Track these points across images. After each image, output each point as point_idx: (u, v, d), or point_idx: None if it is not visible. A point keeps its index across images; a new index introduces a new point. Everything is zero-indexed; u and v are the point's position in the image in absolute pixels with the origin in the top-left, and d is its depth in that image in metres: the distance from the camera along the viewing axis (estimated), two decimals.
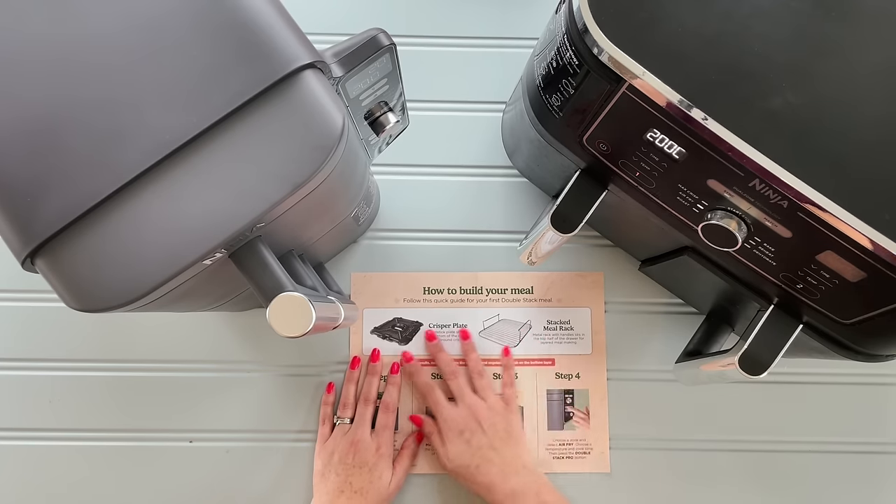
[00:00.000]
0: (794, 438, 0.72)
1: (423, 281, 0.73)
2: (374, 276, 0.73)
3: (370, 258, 0.74)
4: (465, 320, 0.73)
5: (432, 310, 0.73)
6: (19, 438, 0.71)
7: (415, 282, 0.73)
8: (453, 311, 0.73)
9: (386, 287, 0.73)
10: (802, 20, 0.44)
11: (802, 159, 0.43)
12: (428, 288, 0.73)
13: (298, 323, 0.41)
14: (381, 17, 0.76)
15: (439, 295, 0.73)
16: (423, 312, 0.73)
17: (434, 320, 0.73)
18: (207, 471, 0.71)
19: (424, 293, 0.73)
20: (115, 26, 0.39)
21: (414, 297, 0.73)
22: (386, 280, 0.73)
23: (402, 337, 0.72)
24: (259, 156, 0.39)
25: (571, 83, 0.49)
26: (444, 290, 0.73)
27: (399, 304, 0.73)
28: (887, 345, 0.50)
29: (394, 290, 0.73)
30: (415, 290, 0.73)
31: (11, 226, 0.38)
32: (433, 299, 0.73)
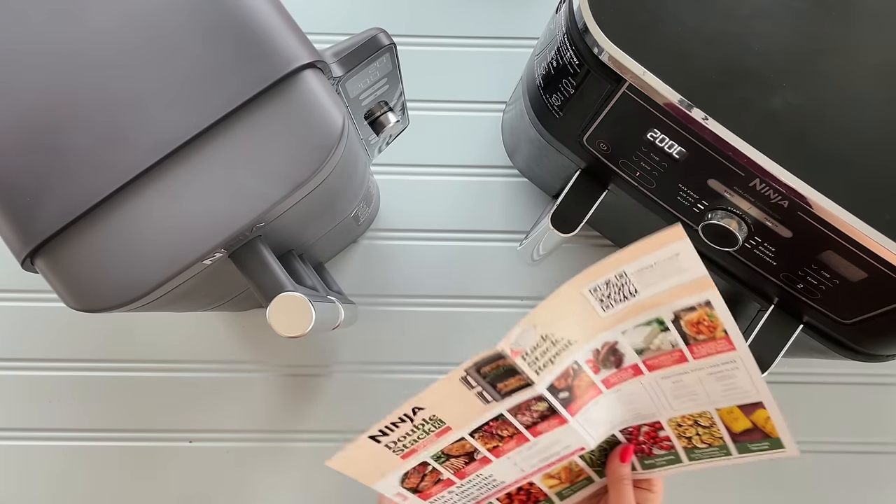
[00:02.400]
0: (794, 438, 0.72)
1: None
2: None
3: (370, 258, 0.74)
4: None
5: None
6: (19, 438, 0.71)
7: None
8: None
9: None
10: (803, 20, 0.44)
11: (803, 159, 0.43)
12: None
13: (298, 323, 0.41)
14: (382, 16, 0.76)
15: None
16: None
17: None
18: (207, 471, 0.71)
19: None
20: (115, 25, 0.39)
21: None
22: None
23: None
24: (259, 155, 0.39)
25: (571, 83, 0.49)
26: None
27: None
28: (888, 345, 0.50)
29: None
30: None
31: (11, 225, 0.38)
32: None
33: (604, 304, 0.43)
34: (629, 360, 0.46)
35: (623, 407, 0.48)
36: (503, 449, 0.48)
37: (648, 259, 0.42)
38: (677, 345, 0.44)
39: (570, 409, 0.46)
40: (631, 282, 0.42)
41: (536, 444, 0.47)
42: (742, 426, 0.46)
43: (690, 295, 0.42)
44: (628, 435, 0.49)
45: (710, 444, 0.47)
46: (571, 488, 0.52)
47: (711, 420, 0.46)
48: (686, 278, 0.42)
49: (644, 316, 0.44)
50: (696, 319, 0.43)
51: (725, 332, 0.43)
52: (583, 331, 0.44)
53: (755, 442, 0.46)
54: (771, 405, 0.45)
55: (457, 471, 0.49)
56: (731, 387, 0.45)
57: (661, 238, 0.41)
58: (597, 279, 0.42)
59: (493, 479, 0.49)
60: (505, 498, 0.51)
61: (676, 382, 0.46)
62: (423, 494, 0.49)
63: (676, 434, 0.48)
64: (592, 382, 0.46)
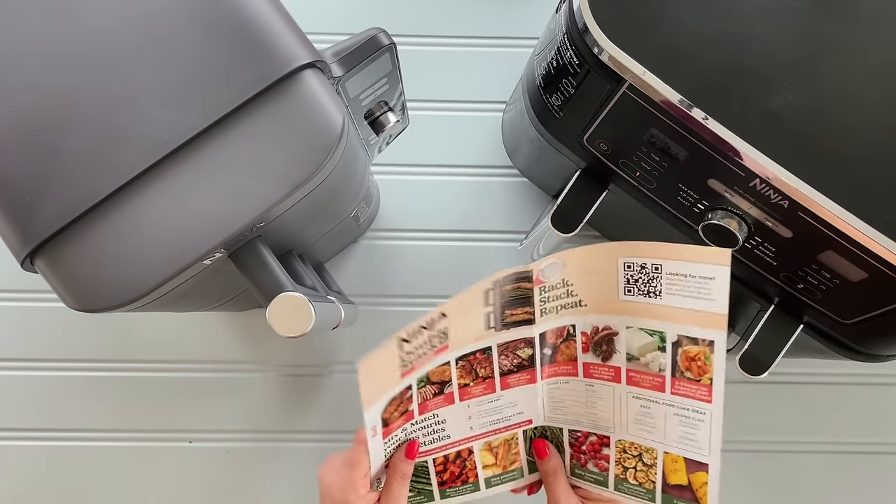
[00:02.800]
0: (794, 438, 0.72)
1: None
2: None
3: (370, 258, 0.74)
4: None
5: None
6: (19, 438, 0.71)
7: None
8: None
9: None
10: (803, 20, 0.44)
11: (803, 159, 0.43)
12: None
13: (298, 323, 0.41)
14: (381, 16, 0.76)
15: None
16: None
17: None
18: (207, 471, 0.71)
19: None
20: (114, 25, 0.39)
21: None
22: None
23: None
24: (259, 155, 0.39)
25: (572, 83, 0.49)
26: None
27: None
28: (888, 345, 0.50)
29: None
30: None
31: (11, 226, 0.38)
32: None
33: (627, 288, 0.44)
34: (616, 361, 0.46)
35: (586, 405, 0.48)
36: (470, 392, 0.49)
37: (688, 267, 0.42)
38: (664, 370, 0.45)
39: (545, 370, 0.48)
40: (662, 280, 0.43)
41: (498, 399, 0.49)
42: (678, 480, 0.46)
43: (702, 326, 0.43)
44: (574, 439, 0.50)
45: (641, 483, 0.47)
46: (501, 477, 0.52)
47: (654, 460, 0.47)
48: (708, 307, 0.42)
49: (652, 323, 0.44)
50: (693, 354, 0.44)
51: (711, 382, 0.44)
52: (598, 301, 0.46)
53: (682, 500, 0.46)
54: (714, 472, 0.45)
55: (423, 401, 0.49)
56: (689, 437, 0.45)
57: (709, 254, 0.42)
58: (638, 255, 0.43)
59: (443, 429, 0.50)
60: (440, 461, 0.51)
61: (644, 407, 0.46)
62: (387, 430, 0.48)
63: (617, 459, 0.48)
64: (575, 357, 0.48)
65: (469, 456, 0.51)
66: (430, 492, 0.51)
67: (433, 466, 0.51)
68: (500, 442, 0.51)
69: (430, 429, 0.50)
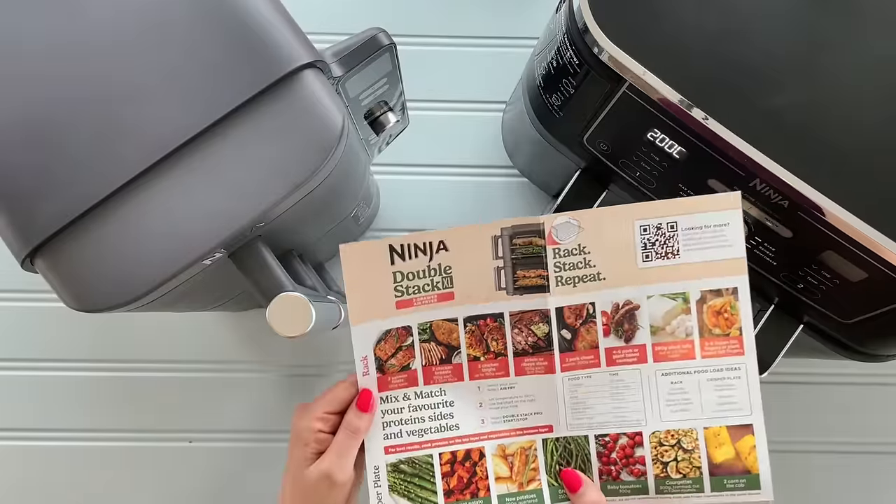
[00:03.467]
0: (794, 438, 0.72)
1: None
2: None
3: None
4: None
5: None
6: (19, 438, 0.71)
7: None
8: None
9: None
10: (802, 20, 0.44)
11: (803, 159, 0.43)
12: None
13: (298, 323, 0.41)
14: (381, 16, 0.76)
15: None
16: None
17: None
18: (207, 471, 0.71)
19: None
20: (114, 25, 0.39)
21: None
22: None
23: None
24: (259, 155, 0.39)
25: (572, 83, 0.49)
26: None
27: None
28: (888, 345, 0.50)
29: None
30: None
31: (11, 225, 0.38)
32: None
33: (645, 254, 0.44)
34: (640, 339, 0.46)
35: (612, 399, 0.47)
36: (481, 370, 0.47)
37: (702, 219, 0.43)
38: (691, 334, 0.45)
39: (563, 359, 0.46)
40: (678, 238, 0.44)
41: (513, 386, 0.47)
42: (724, 455, 0.45)
43: (724, 275, 0.44)
44: (602, 447, 0.47)
45: (686, 474, 0.46)
46: (518, 499, 0.47)
47: (695, 442, 0.46)
48: (726, 254, 0.43)
49: (674, 286, 0.44)
50: (718, 307, 0.44)
51: (740, 332, 0.44)
52: (616, 271, 0.45)
53: (733, 477, 0.45)
54: (760, 430, 0.45)
55: (428, 365, 0.46)
56: (727, 400, 0.45)
57: (719, 200, 0.43)
58: (653, 216, 0.44)
59: (451, 414, 0.47)
60: (447, 459, 0.47)
61: (675, 383, 0.45)
62: (383, 379, 0.46)
63: (654, 456, 0.46)
64: (596, 344, 0.46)
65: (480, 460, 0.47)
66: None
67: (439, 465, 0.47)
68: (517, 450, 0.47)
69: (437, 410, 0.47)
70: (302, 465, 0.44)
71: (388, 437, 0.46)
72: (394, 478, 0.46)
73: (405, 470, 0.46)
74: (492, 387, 0.47)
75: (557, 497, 0.47)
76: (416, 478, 0.47)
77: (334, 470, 0.43)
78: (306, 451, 0.44)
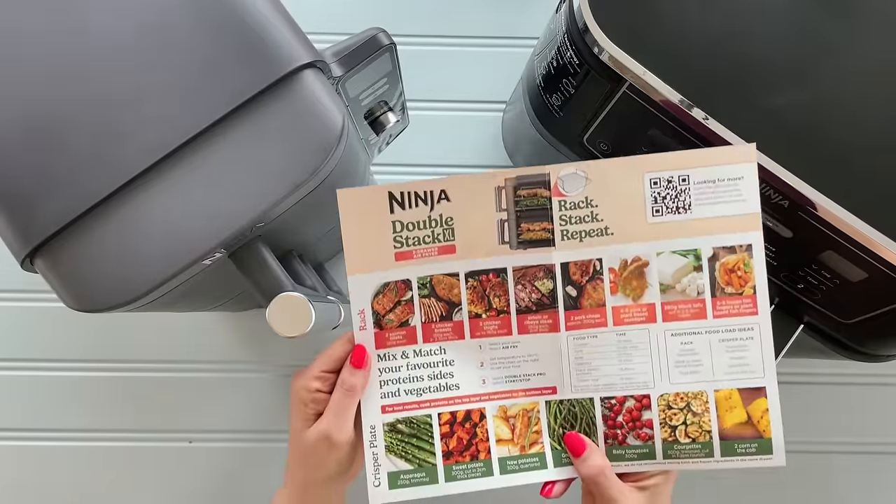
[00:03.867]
0: (794, 438, 0.72)
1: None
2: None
3: None
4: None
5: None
6: (19, 438, 0.71)
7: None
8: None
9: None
10: (804, 19, 0.44)
11: (803, 159, 0.43)
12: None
13: (298, 323, 0.41)
14: (381, 16, 0.76)
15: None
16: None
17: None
18: (207, 471, 0.71)
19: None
20: (114, 25, 0.39)
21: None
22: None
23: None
24: (259, 155, 0.39)
25: (572, 83, 0.49)
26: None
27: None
28: (888, 345, 0.50)
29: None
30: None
31: (10, 225, 0.38)
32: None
33: (655, 208, 0.43)
34: (649, 297, 0.44)
35: (619, 361, 0.44)
36: (482, 327, 0.45)
37: (716, 172, 0.42)
38: (703, 293, 0.43)
39: (568, 317, 0.44)
40: (690, 192, 0.42)
41: (516, 345, 0.45)
42: (735, 419, 0.44)
43: (737, 231, 0.42)
44: (608, 410, 0.45)
45: (695, 438, 0.44)
46: (520, 462, 0.45)
47: (706, 405, 0.44)
48: (740, 209, 0.42)
49: (685, 242, 0.43)
50: (731, 265, 0.43)
51: (754, 291, 0.43)
52: (625, 226, 0.43)
53: (744, 441, 0.44)
54: (773, 394, 0.43)
55: (427, 322, 0.45)
56: (739, 362, 0.43)
57: (734, 153, 0.41)
58: (664, 168, 0.42)
59: (451, 373, 0.45)
60: (446, 419, 0.45)
61: (685, 344, 0.44)
62: (381, 335, 0.44)
63: (662, 419, 0.44)
64: (603, 302, 0.44)
65: (481, 421, 0.45)
66: (432, 466, 0.45)
67: (438, 426, 0.45)
68: (519, 411, 0.45)
69: (437, 369, 0.45)
70: (301, 427, 0.43)
71: (385, 396, 0.45)
72: (391, 438, 0.45)
73: (403, 430, 0.45)
74: (493, 345, 0.45)
75: (560, 461, 0.45)
76: (414, 438, 0.45)
77: (332, 430, 0.42)
78: (305, 411, 0.43)
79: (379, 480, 0.44)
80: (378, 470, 0.44)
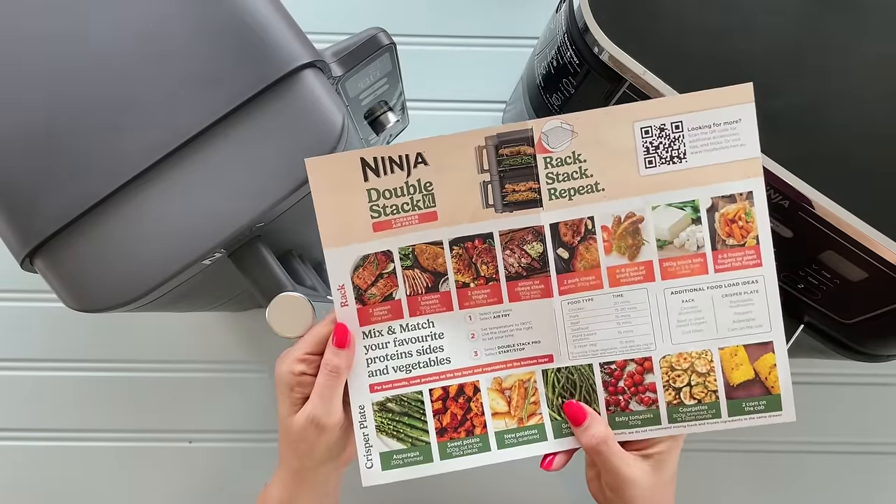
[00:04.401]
0: (794, 438, 0.72)
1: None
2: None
3: None
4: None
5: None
6: (19, 438, 0.71)
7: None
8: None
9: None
10: (803, 19, 0.44)
11: (803, 159, 0.43)
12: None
13: (298, 323, 0.41)
14: (381, 16, 0.76)
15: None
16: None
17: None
18: (207, 471, 0.71)
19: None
20: (115, 26, 0.39)
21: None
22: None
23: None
24: (259, 155, 0.39)
25: (572, 82, 0.49)
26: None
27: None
28: (888, 345, 0.50)
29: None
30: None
31: (10, 225, 0.38)
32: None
33: (648, 159, 0.40)
34: (646, 255, 0.41)
35: (617, 324, 0.42)
36: (471, 296, 0.43)
37: (711, 116, 0.39)
38: (703, 246, 0.41)
39: (562, 281, 0.42)
40: (684, 140, 0.40)
41: (507, 313, 0.43)
42: (742, 376, 0.42)
43: (737, 178, 0.40)
44: (608, 375, 0.43)
45: (701, 399, 0.42)
46: (518, 435, 0.44)
47: (710, 365, 0.42)
48: (739, 154, 0.39)
49: (681, 194, 0.40)
50: (732, 215, 0.40)
51: (757, 241, 0.40)
52: (616, 182, 0.41)
53: (752, 399, 0.42)
54: (781, 348, 0.41)
55: (413, 294, 0.43)
56: (744, 317, 0.41)
57: (730, 94, 0.39)
58: (654, 115, 0.39)
59: (441, 347, 0.43)
60: (438, 395, 0.43)
61: (686, 302, 0.42)
62: (364, 311, 0.42)
63: (665, 382, 0.42)
64: (597, 263, 0.42)
65: (475, 395, 0.43)
66: (426, 445, 0.43)
67: (430, 402, 0.43)
68: (514, 382, 0.43)
69: (425, 343, 0.43)
70: (288, 413, 0.42)
71: (372, 375, 0.43)
72: (381, 417, 0.43)
73: (393, 409, 0.43)
74: (484, 315, 0.43)
75: (561, 432, 0.43)
76: (406, 416, 0.43)
77: (319, 413, 0.41)
78: (292, 396, 0.42)
79: (371, 462, 0.43)
80: (370, 451, 0.43)
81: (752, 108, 0.39)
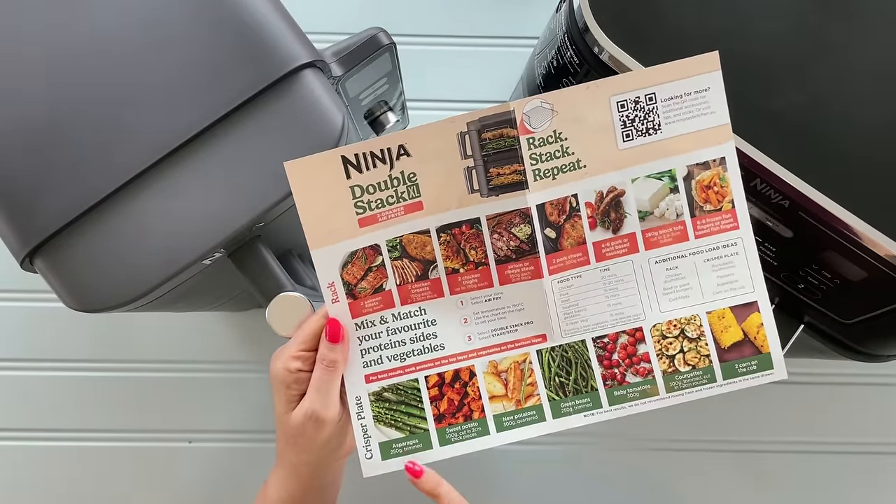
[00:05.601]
0: (794, 438, 0.72)
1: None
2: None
3: None
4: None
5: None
6: (19, 438, 0.71)
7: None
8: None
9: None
10: (803, 20, 0.44)
11: (804, 159, 0.43)
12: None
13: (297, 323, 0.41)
14: (381, 16, 0.76)
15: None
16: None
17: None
18: (207, 471, 0.71)
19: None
20: (115, 26, 0.39)
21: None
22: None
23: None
24: (259, 155, 0.39)
25: (572, 82, 0.49)
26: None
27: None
28: (888, 345, 0.50)
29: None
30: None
31: (10, 225, 0.38)
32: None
33: (626, 132, 0.41)
34: (629, 227, 0.43)
35: (606, 297, 0.43)
36: (461, 282, 0.43)
37: (681, 86, 0.40)
38: (682, 214, 0.42)
39: (551, 261, 0.43)
40: (658, 111, 0.41)
41: (498, 296, 0.43)
42: (732, 338, 0.43)
43: (709, 145, 0.41)
44: (602, 349, 0.43)
45: (695, 365, 0.43)
46: (516, 417, 0.44)
47: (700, 329, 0.43)
48: (710, 122, 0.41)
49: (658, 164, 0.42)
50: (707, 181, 0.42)
51: (732, 205, 0.42)
52: (597, 157, 0.42)
53: (744, 360, 0.43)
54: (765, 307, 0.42)
55: (403, 283, 0.43)
56: (728, 279, 0.42)
57: (697, 63, 0.40)
58: (628, 89, 0.41)
59: (434, 334, 0.44)
60: (434, 382, 0.44)
61: (671, 269, 0.43)
62: (355, 305, 0.43)
63: (658, 351, 0.43)
64: (583, 240, 0.43)
65: (471, 380, 0.44)
66: (424, 432, 0.43)
67: (426, 389, 0.43)
68: (510, 365, 0.44)
69: (418, 331, 0.43)
70: (285, 409, 0.42)
71: (367, 365, 0.43)
72: (378, 407, 0.43)
73: (389, 398, 0.43)
74: (475, 300, 0.43)
75: (559, 412, 0.44)
76: (403, 405, 0.43)
77: (317, 408, 0.41)
78: (288, 393, 0.42)
79: (371, 452, 0.43)
80: (368, 441, 0.43)
81: (719, 76, 0.40)
